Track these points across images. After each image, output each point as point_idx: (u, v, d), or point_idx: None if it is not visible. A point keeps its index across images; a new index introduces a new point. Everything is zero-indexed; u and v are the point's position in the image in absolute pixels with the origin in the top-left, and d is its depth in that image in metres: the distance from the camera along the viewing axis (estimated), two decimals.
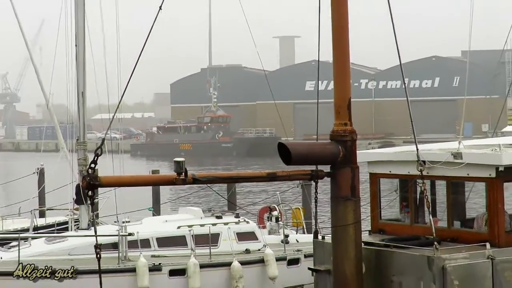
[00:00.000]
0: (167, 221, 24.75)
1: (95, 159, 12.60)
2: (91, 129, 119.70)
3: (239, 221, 24.63)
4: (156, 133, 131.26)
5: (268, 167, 58.63)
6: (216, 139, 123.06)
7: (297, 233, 26.22)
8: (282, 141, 14.01)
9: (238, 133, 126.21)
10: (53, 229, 27.86)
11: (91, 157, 12.95)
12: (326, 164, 13.84)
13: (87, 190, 12.76)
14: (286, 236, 24.55)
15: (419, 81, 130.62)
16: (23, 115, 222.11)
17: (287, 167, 13.81)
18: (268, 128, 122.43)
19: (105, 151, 19.83)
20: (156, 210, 32.10)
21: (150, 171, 40.41)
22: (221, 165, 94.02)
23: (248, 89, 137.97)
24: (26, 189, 38.84)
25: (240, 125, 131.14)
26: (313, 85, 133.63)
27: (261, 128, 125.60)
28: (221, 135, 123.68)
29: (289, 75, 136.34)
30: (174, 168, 12.99)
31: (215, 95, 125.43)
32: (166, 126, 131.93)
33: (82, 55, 25.74)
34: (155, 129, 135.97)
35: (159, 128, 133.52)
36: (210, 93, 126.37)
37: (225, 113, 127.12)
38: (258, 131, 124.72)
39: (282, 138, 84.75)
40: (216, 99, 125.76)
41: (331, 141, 13.84)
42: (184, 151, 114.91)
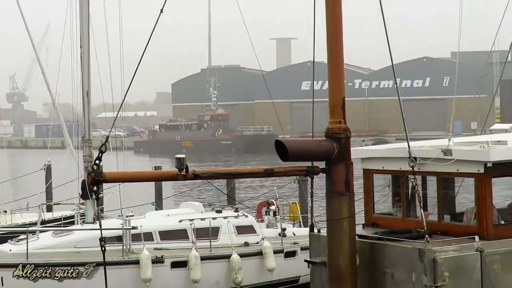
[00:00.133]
0: (169, 215, 24.72)
1: (100, 155, 12.58)
2: (95, 127, 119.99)
3: (238, 215, 24.60)
4: (158, 131, 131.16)
5: (266, 164, 58.70)
6: (216, 136, 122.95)
7: (294, 227, 26.20)
8: (279, 138, 14.00)
9: (237, 130, 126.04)
10: (60, 223, 27.86)
11: (96, 154, 12.94)
12: (322, 160, 13.84)
13: (92, 186, 12.75)
14: (283, 230, 24.53)
15: (410, 81, 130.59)
16: (30, 114, 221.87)
17: (284, 163, 13.82)
18: (265, 126, 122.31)
19: (109, 148, 19.81)
20: (159, 205, 32.09)
21: (152, 167, 40.49)
22: (221, 162, 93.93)
23: (246, 89, 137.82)
24: (34, 184, 38.87)
25: (239, 123, 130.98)
26: (308, 85, 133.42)
27: (259, 126, 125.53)
28: (220, 132, 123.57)
29: (285, 76, 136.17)
30: (176, 165, 12.97)
31: (215, 94, 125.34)
32: (168, 124, 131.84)
33: (86, 56, 25.68)
34: (157, 127, 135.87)
35: (161, 126, 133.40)
36: (210, 93, 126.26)
37: (224, 112, 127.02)
38: (256, 129, 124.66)
39: (279, 136, 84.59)
40: (215, 98, 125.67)
41: (326, 138, 13.84)
42: (185, 148, 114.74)
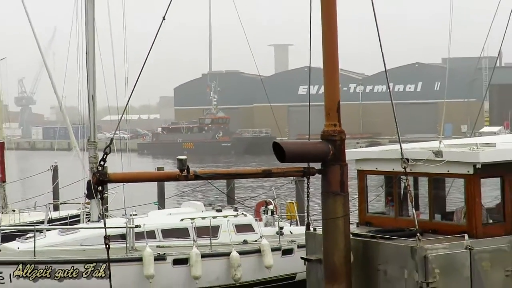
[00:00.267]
0: (171, 214, 24.71)
1: (105, 157, 12.59)
2: (101, 129, 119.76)
3: (237, 214, 24.59)
4: (161, 133, 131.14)
5: (264, 165, 58.68)
6: (216, 138, 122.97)
7: (291, 225, 26.19)
8: (277, 140, 14.01)
9: (236, 133, 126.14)
10: (66, 221, 27.83)
11: (101, 155, 12.94)
12: (317, 161, 13.84)
13: (97, 186, 12.75)
14: (281, 228, 24.53)
15: (403, 85, 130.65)
16: (38, 117, 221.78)
17: (282, 164, 13.82)
18: (264, 129, 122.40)
19: (113, 149, 19.84)
20: (161, 204, 32.08)
21: (155, 168, 40.42)
22: (221, 163, 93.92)
23: (245, 93, 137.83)
24: (41, 184, 38.84)
25: (238, 126, 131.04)
26: (305, 89, 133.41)
27: (257, 129, 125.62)
28: (221, 135, 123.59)
29: (283, 80, 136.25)
30: (177, 166, 12.97)
31: (215, 98, 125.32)
32: (170, 127, 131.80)
33: (92, 62, 25.68)
34: (160, 129, 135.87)
35: (163, 128, 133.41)
36: (211, 97, 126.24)
37: (224, 115, 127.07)
38: (255, 132, 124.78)
39: (277, 138, 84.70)
40: (216, 102, 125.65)
41: (322, 140, 13.84)
42: (187, 149, 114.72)
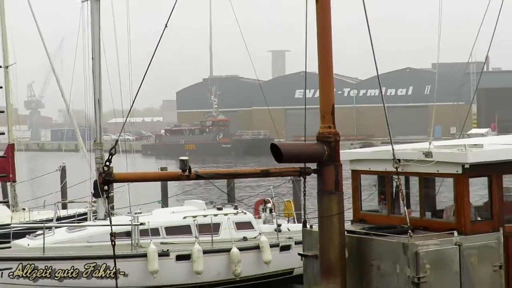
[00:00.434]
0: (174, 212, 24.71)
1: (110, 158, 12.56)
2: (106, 131, 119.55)
3: (237, 212, 24.60)
4: (164, 135, 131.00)
5: (263, 165, 58.57)
6: (217, 140, 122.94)
7: (288, 223, 26.20)
8: (274, 142, 14.00)
9: (236, 135, 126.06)
10: (74, 219, 27.85)
11: (106, 156, 12.92)
12: (313, 162, 13.83)
13: (103, 185, 12.69)
14: (279, 226, 24.53)
15: (395, 89, 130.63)
16: (46, 119, 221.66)
17: (279, 164, 13.81)
18: (262, 131, 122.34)
19: (119, 151, 19.81)
20: (165, 203, 32.11)
21: (158, 168, 40.43)
22: (221, 163, 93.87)
23: (244, 97, 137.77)
24: (50, 184, 38.87)
25: (238, 128, 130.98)
26: (301, 93, 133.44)
27: (256, 131, 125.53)
28: (221, 136, 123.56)
29: (280, 85, 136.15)
30: (180, 166, 12.94)
31: (216, 102, 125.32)
32: (173, 129, 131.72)
33: (98, 67, 25.69)
34: (163, 131, 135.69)
35: (166, 130, 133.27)
36: (211, 100, 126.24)
37: (224, 118, 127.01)
38: (254, 133, 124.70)
39: (274, 140, 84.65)
40: (216, 105, 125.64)
41: (317, 142, 13.83)
42: (189, 151, 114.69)
